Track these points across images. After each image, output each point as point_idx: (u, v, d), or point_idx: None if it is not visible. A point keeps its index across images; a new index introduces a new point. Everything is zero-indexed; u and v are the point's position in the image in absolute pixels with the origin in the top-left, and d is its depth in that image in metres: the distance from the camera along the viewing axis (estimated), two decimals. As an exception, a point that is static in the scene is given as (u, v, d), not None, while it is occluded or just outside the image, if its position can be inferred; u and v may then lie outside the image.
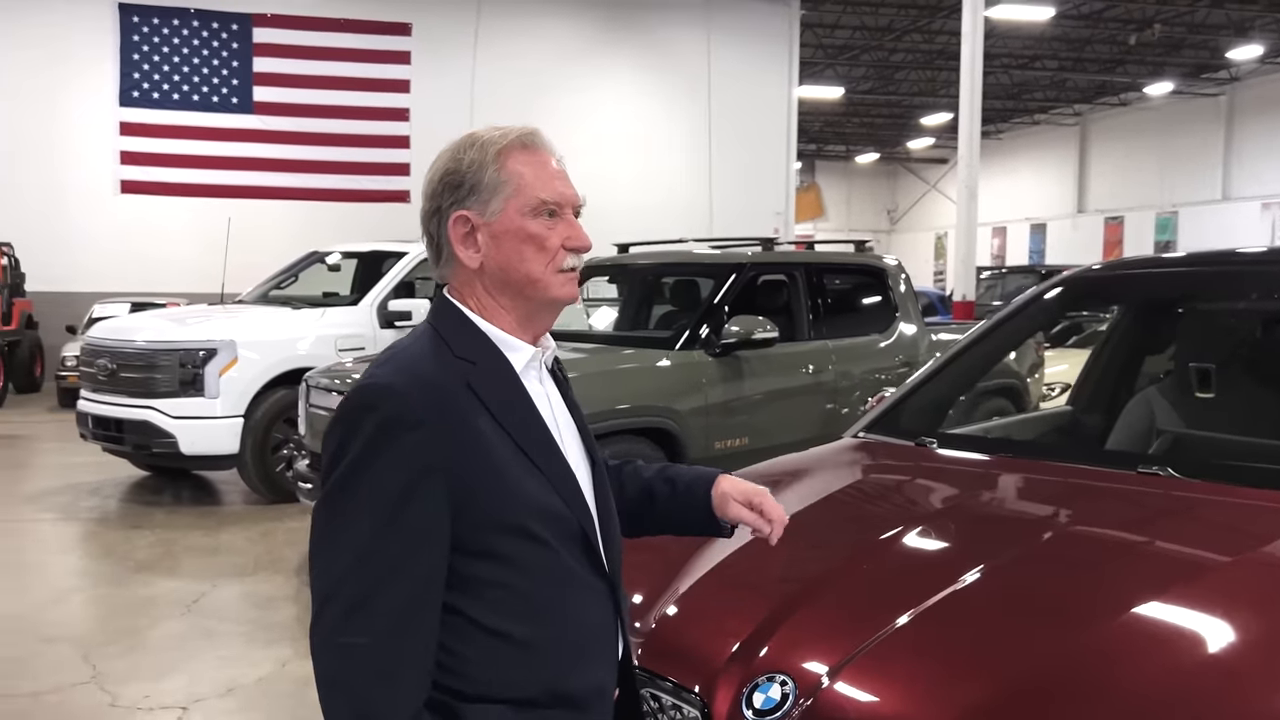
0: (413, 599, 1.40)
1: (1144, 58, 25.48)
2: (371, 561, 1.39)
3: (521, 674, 1.47)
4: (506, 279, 1.53)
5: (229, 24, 17.59)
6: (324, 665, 1.40)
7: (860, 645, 1.79)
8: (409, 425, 1.40)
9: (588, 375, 5.73)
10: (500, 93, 18.25)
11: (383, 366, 1.49)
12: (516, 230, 1.51)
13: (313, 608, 1.42)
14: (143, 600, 5.55)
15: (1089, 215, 31.12)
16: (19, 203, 15.67)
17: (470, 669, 1.45)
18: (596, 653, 1.56)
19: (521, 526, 1.46)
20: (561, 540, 1.50)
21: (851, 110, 32.26)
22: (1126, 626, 1.77)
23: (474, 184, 1.51)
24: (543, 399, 1.57)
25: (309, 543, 1.45)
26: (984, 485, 2.59)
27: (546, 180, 1.54)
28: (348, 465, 1.41)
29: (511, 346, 1.54)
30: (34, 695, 4.28)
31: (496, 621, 1.46)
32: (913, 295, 7.39)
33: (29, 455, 10.29)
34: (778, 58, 20.55)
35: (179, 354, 7.66)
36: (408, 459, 1.40)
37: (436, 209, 1.54)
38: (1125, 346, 3.77)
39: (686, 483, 1.81)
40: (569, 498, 1.52)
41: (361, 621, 1.38)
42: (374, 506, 1.39)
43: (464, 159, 1.53)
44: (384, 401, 1.42)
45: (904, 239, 38.76)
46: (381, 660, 1.38)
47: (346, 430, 1.43)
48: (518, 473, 1.47)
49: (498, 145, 1.53)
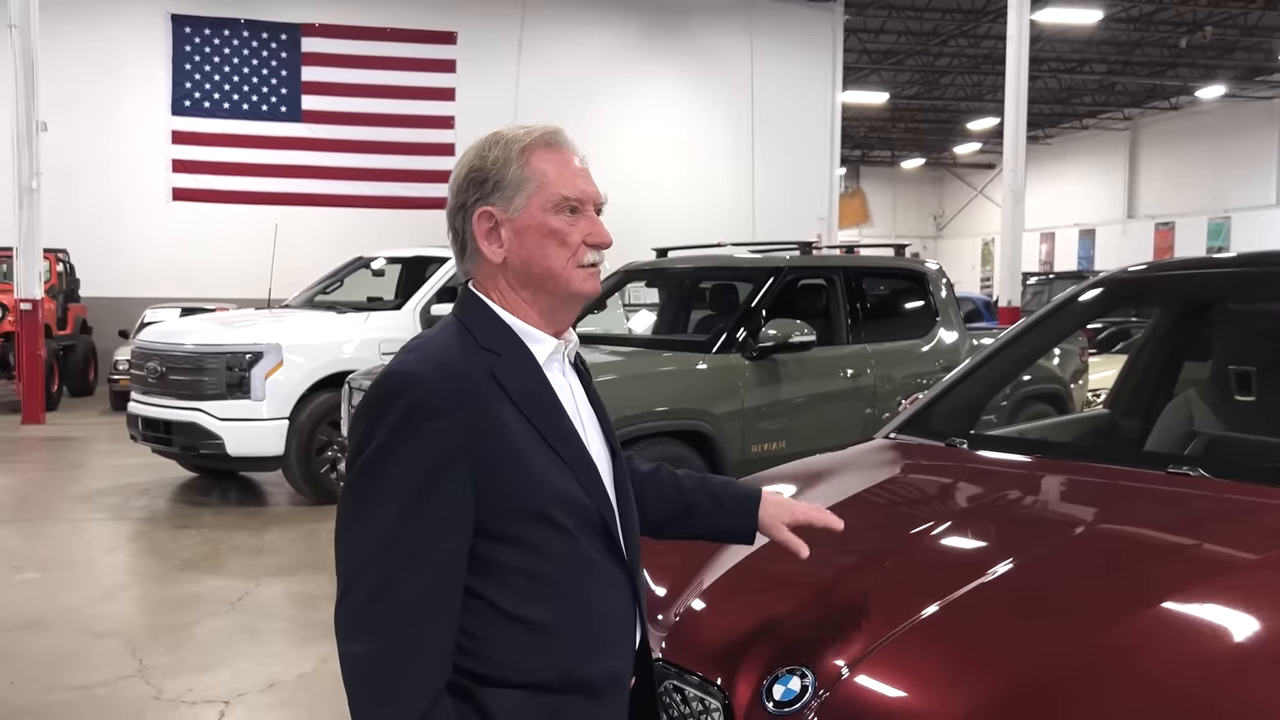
0: (436, 583, 1.43)
1: (1195, 60, 25.11)
2: (396, 545, 1.42)
3: (539, 659, 1.50)
4: (529, 273, 1.57)
5: (278, 34, 17.89)
6: (347, 647, 1.44)
7: (881, 639, 1.80)
8: (433, 413, 1.44)
9: (625, 378, 5.77)
10: (544, 99, 18.35)
11: (409, 355, 1.53)
12: (539, 226, 1.55)
13: (337, 590, 1.46)
14: (188, 597, 5.66)
15: (1139, 221, 30.69)
16: (74, 210, 16.01)
17: (489, 653, 1.48)
18: (614, 641, 1.59)
19: (543, 514, 1.49)
20: (582, 529, 1.54)
21: (897, 115, 32.08)
22: (1148, 624, 1.76)
23: (498, 180, 1.55)
24: (565, 391, 1.61)
25: (335, 525, 1.49)
26: (1010, 484, 2.58)
27: (569, 177, 1.58)
28: (373, 451, 1.44)
29: (535, 339, 1.58)
30: (83, 688, 4.38)
31: (516, 607, 1.49)
32: (954, 300, 7.35)
33: (82, 456, 10.52)
34: (821, 63, 20.50)
35: (226, 357, 7.80)
36: (432, 445, 1.43)
37: (462, 205, 1.58)
38: (1165, 349, 3.73)
39: (731, 499, 1.87)
40: (590, 487, 1.55)
41: (385, 604, 1.42)
42: (399, 490, 1.43)
43: (489, 156, 1.57)
44: (409, 388, 1.45)
45: (950, 245, 38.44)
46: (404, 643, 1.41)
47: (373, 417, 1.46)
48: (540, 461, 1.50)
49: (522, 143, 1.57)
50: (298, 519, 7.51)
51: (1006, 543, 2.19)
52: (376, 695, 1.42)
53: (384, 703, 1.42)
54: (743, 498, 1.88)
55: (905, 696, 1.71)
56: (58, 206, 14.43)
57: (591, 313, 7.48)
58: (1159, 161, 30.48)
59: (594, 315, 7.56)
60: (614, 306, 8.18)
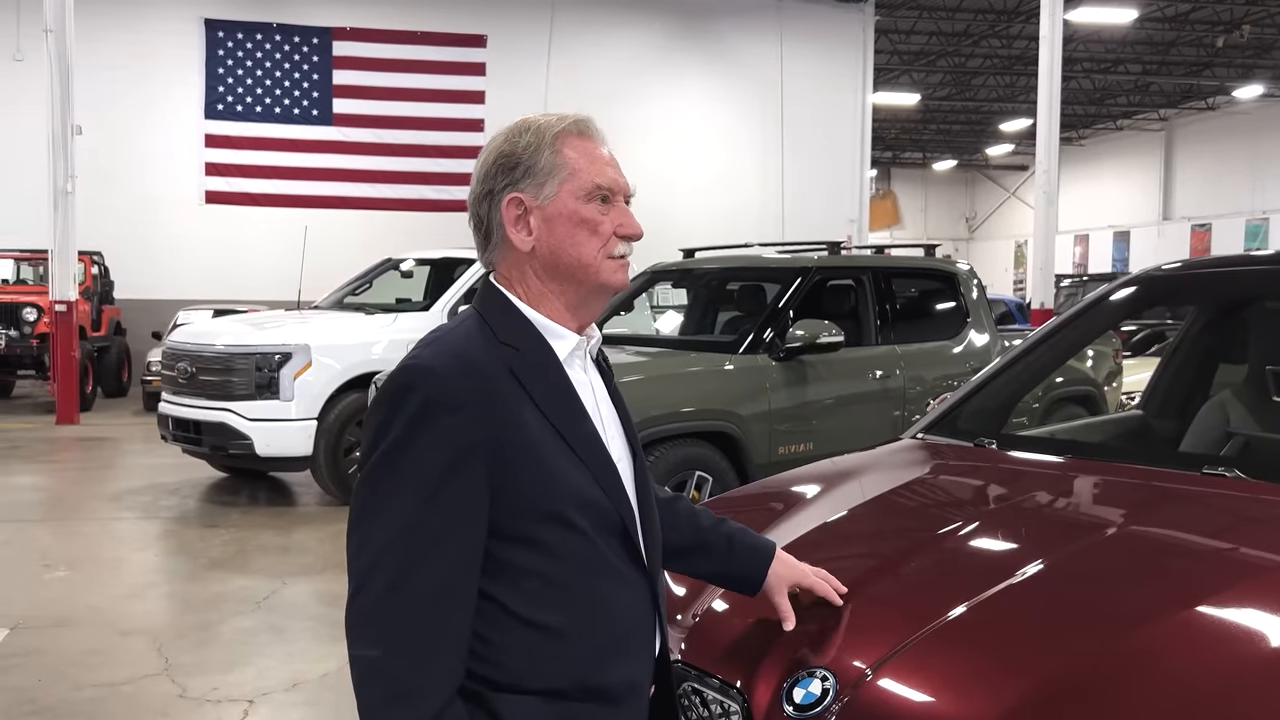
0: (451, 581, 1.40)
1: (1232, 60, 24.79)
2: (411, 541, 1.39)
3: (554, 665, 1.46)
4: (558, 263, 1.53)
5: (310, 38, 18.01)
6: (359, 644, 1.40)
7: (904, 641, 1.76)
8: (450, 408, 1.40)
9: (651, 378, 5.74)
10: (573, 102, 18.06)
11: (426, 349, 1.50)
12: (570, 214, 1.52)
13: (350, 587, 1.43)
14: (215, 596, 5.68)
15: (1175, 222, 30.33)
16: (109, 213, 16.19)
17: (503, 658, 1.45)
18: (632, 647, 1.55)
19: (560, 514, 1.45)
20: (600, 531, 1.49)
21: (928, 117, 31.88)
22: (1180, 628, 1.71)
23: (529, 166, 1.52)
24: (586, 388, 1.57)
25: (348, 520, 1.46)
26: (1040, 484, 2.52)
27: (601, 166, 1.55)
28: (389, 445, 1.41)
29: (556, 334, 1.54)
30: (109, 685, 4.40)
31: (531, 611, 1.45)
32: (985, 301, 7.26)
33: (114, 456, 10.61)
34: (851, 64, 20.41)
35: (255, 358, 7.84)
36: (449, 439, 1.40)
37: (489, 191, 1.54)
38: (1200, 349, 3.65)
39: (744, 547, 1.84)
40: (609, 488, 1.51)
41: (399, 600, 1.38)
42: (415, 485, 1.39)
43: (519, 142, 1.53)
44: (425, 382, 1.42)
45: (983, 247, 38.15)
46: (418, 642, 1.38)
47: (389, 410, 1.43)
48: (559, 460, 1.46)
49: (554, 129, 1.54)
50: (325, 519, 7.53)
51: (1035, 544, 2.13)
52: (389, 694, 1.38)
53: (396, 702, 1.37)
54: (757, 549, 1.85)
55: (929, 700, 1.67)
56: (92, 209, 14.60)
57: (618, 314, 7.46)
58: (1195, 162, 30.10)
59: (621, 316, 7.54)
60: (641, 307, 8.15)
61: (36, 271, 15.06)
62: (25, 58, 16.04)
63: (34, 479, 9.26)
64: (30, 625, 5.15)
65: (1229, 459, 2.55)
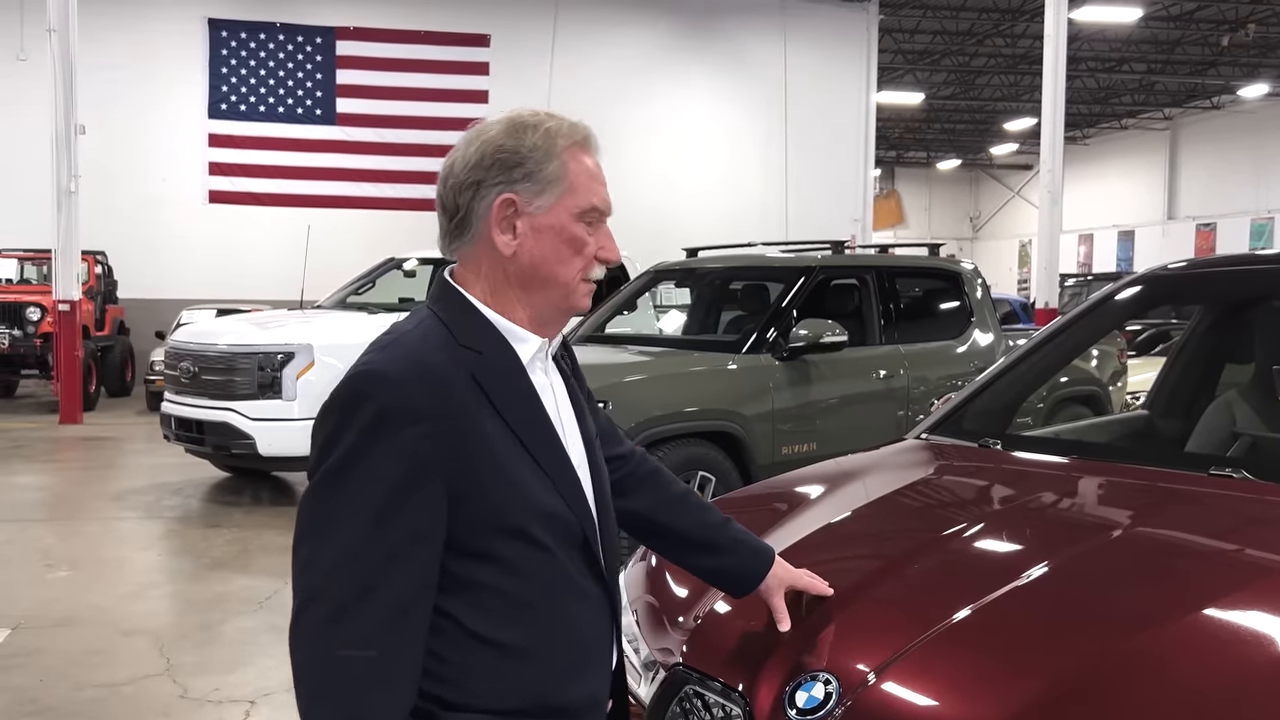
0: (402, 602, 1.32)
1: (1237, 59, 24.73)
2: (360, 560, 1.31)
3: (513, 684, 1.40)
4: (535, 274, 1.46)
5: (313, 37, 18.01)
6: (305, 669, 1.33)
7: (907, 644, 1.74)
8: (408, 418, 1.32)
9: (654, 378, 5.72)
10: (577, 101, 18.29)
11: (381, 352, 1.40)
12: (560, 229, 1.46)
13: (294, 604, 1.34)
14: (217, 596, 5.67)
15: (1179, 222, 30.26)
16: (112, 212, 16.21)
17: (460, 677, 1.39)
18: (593, 663, 1.50)
19: (521, 529, 1.39)
20: (562, 545, 1.44)
21: (932, 116, 31.83)
22: (1187, 631, 1.69)
23: (532, 171, 1.44)
24: (548, 392, 1.51)
25: (294, 532, 1.37)
26: (1045, 485, 2.50)
27: (597, 185, 1.50)
28: (340, 456, 1.33)
29: (519, 338, 1.47)
30: (111, 685, 4.39)
31: (489, 628, 1.39)
32: (989, 300, 7.23)
33: (117, 456, 10.61)
34: (856, 63, 20.37)
35: (258, 357, 7.83)
36: (405, 451, 1.32)
37: (477, 183, 1.44)
38: (1205, 349, 3.63)
39: (748, 549, 1.82)
40: (571, 498, 1.46)
41: (348, 624, 1.30)
42: (366, 501, 1.32)
43: (525, 140, 1.45)
44: (381, 390, 1.34)
45: (987, 246, 38.09)
46: (367, 666, 1.30)
47: (340, 418, 1.35)
48: (520, 472, 1.40)
49: (566, 139, 1.47)
50: (328, 519, 7.50)
51: (1041, 545, 2.11)
52: (335, 716, 1.31)
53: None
54: (759, 552, 1.83)
55: (933, 704, 1.65)
56: (96, 209, 14.61)
57: (621, 313, 7.45)
58: (1200, 161, 30.03)
59: (624, 315, 7.52)
60: (644, 307, 8.13)
61: (40, 271, 15.07)
62: (29, 57, 16.05)
63: (37, 478, 9.26)
64: (32, 625, 5.14)
65: (1236, 460, 2.53)
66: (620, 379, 5.53)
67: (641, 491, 1.79)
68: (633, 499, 1.78)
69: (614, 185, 1.56)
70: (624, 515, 1.81)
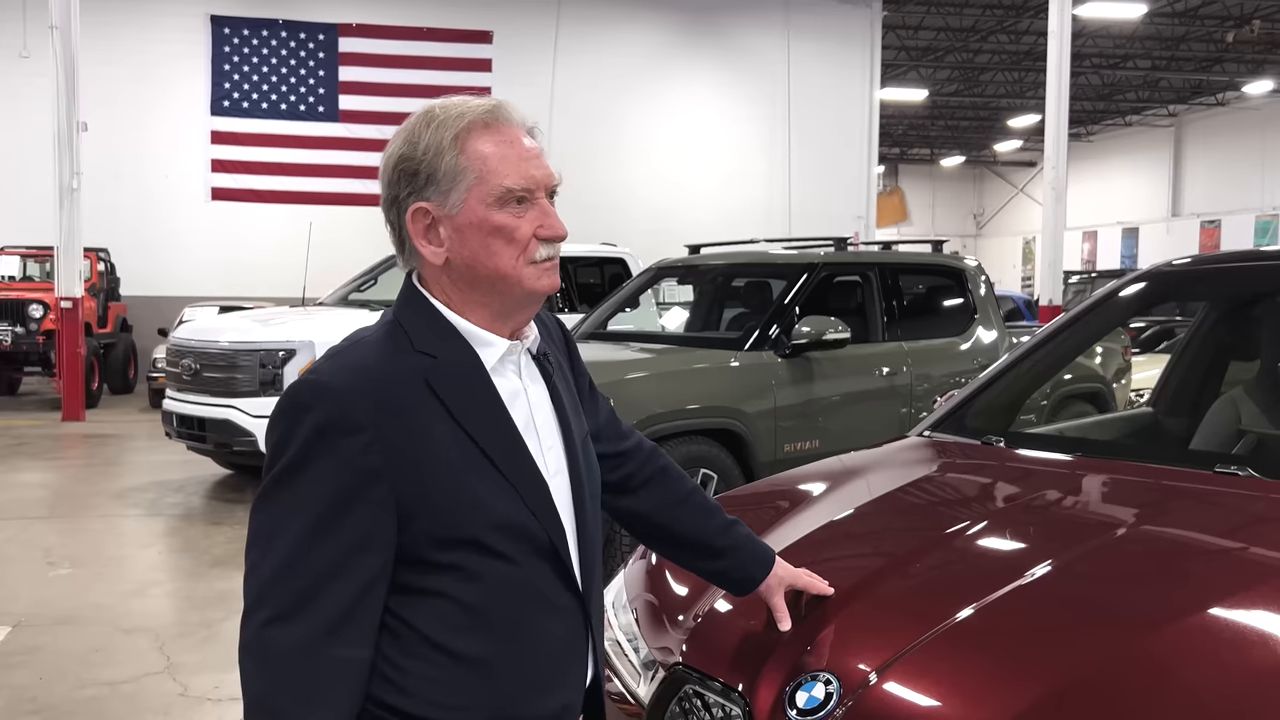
0: (344, 611, 1.30)
1: (1243, 55, 24.67)
2: (299, 569, 1.29)
3: (471, 697, 1.37)
4: (475, 275, 1.40)
5: (316, 34, 18.00)
6: (246, 674, 1.31)
7: (909, 644, 1.72)
8: (346, 429, 1.30)
9: (655, 375, 5.70)
10: (580, 98, 18.37)
11: (328, 362, 1.38)
12: (480, 222, 1.37)
13: (243, 612, 1.34)
14: (218, 594, 5.65)
15: (1184, 219, 30.20)
16: (115, 210, 16.23)
17: (414, 684, 1.35)
18: (559, 678, 1.45)
19: (475, 540, 1.35)
20: (528, 555, 1.39)
21: (936, 113, 31.78)
22: (1191, 630, 1.67)
23: (430, 172, 1.37)
24: (519, 397, 1.44)
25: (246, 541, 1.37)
26: (1049, 483, 2.48)
27: (514, 163, 1.39)
28: (283, 467, 1.31)
29: (483, 341, 1.42)
30: (111, 684, 4.38)
31: (448, 638, 1.35)
32: (993, 297, 7.20)
33: (119, 453, 10.60)
34: (859, 60, 20.34)
35: (259, 354, 7.83)
36: (345, 463, 1.30)
37: (394, 199, 1.41)
38: (1210, 346, 3.61)
39: (749, 550, 1.81)
40: (538, 508, 1.40)
41: (288, 630, 1.28)
42: (307, 512, 1.30)
43: (419, 144, 1.38)
44: (320, 402, 1.31)
45: (991, 244, 38.04)
46: (306, 673, 1.29)
47: (284, 429, 1.33)
48: (475, 480, 1.35)
49: (455, 127, 1.38)
50: (329, 516, 7.49)
51: (1044, 544, 2.09)
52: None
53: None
54: (759, 554, 1.81)
55: (934, 704, 1.63)
56: (98, 206, 14.62)
57: (624, 310, 7.43)
58: (1205, 158, 29.97)
59: (626, 313, 7.50)
60: (646, 304, 8.11)
61: (43, 268, 15.07)
62: (31, 54, 16.07)
63: (39, 476, 9.25)
64: (33, 623, 5.13)
65: (1241, 457, 2.50)
66: (622, 376, 5.51)
67: (644, 492, 1.76)
68: (633, 499, 1.76)
69: (617, 182, 1.52)
70: (624, 515, 1.79)
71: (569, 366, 1.63)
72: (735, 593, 1.86)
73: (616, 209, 17.29)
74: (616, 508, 1.77)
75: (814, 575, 1.88)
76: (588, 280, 11.14)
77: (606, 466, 1.68)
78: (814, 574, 1.88)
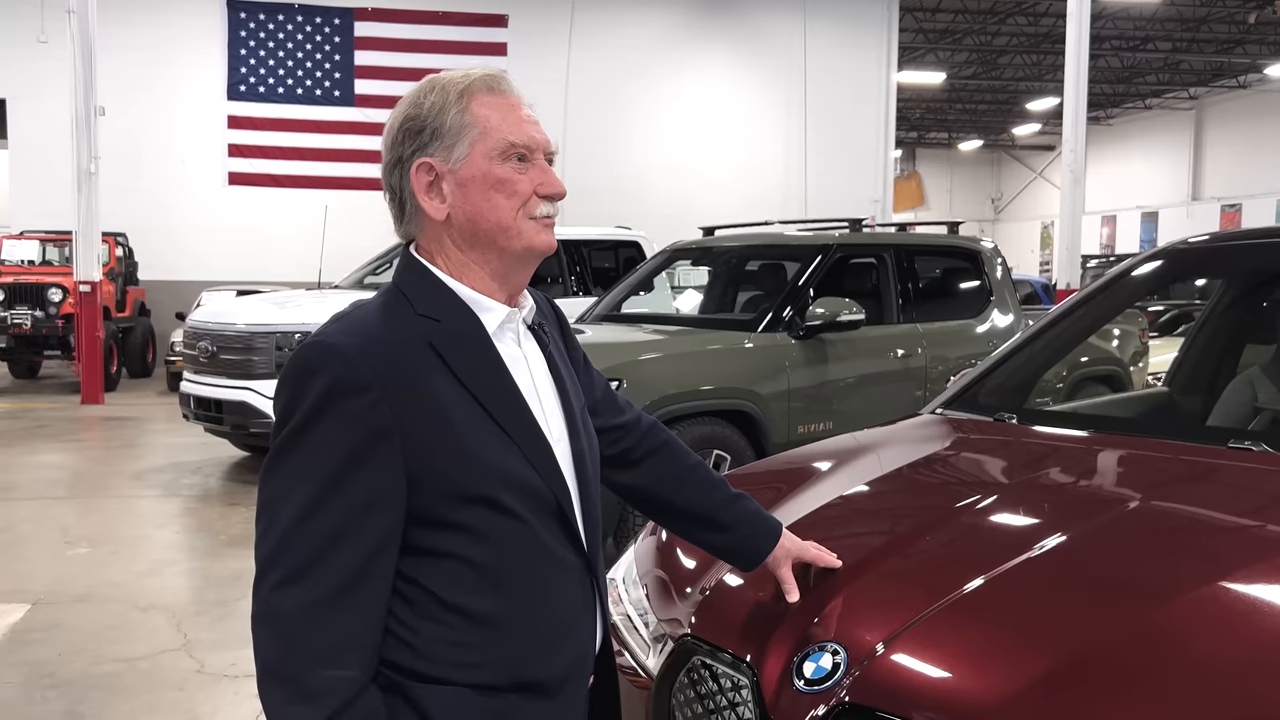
0: (355, 572, 1.30)
1: (1265, 37, 24.40)
2: (311, 532, 1.30)
3: (484, 655, 1.37)
4: (476, 230, 1.43)
5: (332, 18, 18.00)
6: (257, 638, 1.32)
7: (916, 615, 1.72)
8: (353, 389, 1.31)
9: (670, 356, 5.70)
10: (595, 81, 18.33)
11: (333, 324, 1.39)
12: (484, 176, 1.41)
13: (254, 581, 1.34)
14: (234, 573, 5.69)
15: (1204, 203, 29.93)
16: (133, 194, 16.29)
17: (429, 646, 1.36)
18: (570, 637, 1.46)
19: (486, 496, 1.36)
20: (535, 513, 1.40)
21: (954, 96, 31.56)
22: (1202, 604, 1.66)
23: (436, 128, 1.42)
24: (520, 363, 1.47)
25: (256, 507, 1.37)
26: (1061, 459, 2.46)
27: (515, 123, 1.44)
28: (291, 430, 1.32)
29: (483, 307, 1.44)
30: (128, 660, 4.42)
31: (461, 598, 1.36)
32: (1009, 280, 7.16)
33: (137, 435, 10.68)
34: (876, 43, 20.20)
35: (276, 337, 7.87)
36: (353, 424, 1.30)
37: (398, 160, 1.44)
38: (1227, 325, 3.58)
39: (757, 522, 1.80)
40: (543, 468, 1.41)
41: (298, 593, 1.29)
42: (316, 473, 1.30)
43: (424, 103, 1.43)
44: (327, 363, 1.32)
45: (1009, 228, 37.82)
46: (319, 636, 1.29)
47: (291, 393, 1.33)
48: (482, 438, 1.36)
49: (460, 86, 1.43)
50: (345, 498, 7.52)
51: (1055, 517, 2.08)
52: (289, 695, 1.29)
53: (299, 699, 1.28)
54: (765, 528, 1.81)
55: (942, 675, 1.63)
56: (116, 190, 14.67)
57: (638, 293, 7.42)
58: (1226, 141, 29.68)
59: (641, 295, 7.50)
60: (661, 286, 8.10)
61: (61, 253, 15.16)
62: (49, 39, 16.13)
63: (58, 457, 9.33)
64: (51, 601, 5.18)
65: (1256, 433, 2.49)
66: (635, 357, 5.51)
67: (645, 465, 1.76)
68: (634, 473, 1.76)
69: (632, 165, 1.53)
70: (625, 489, 1.79)
71: (563, 342, 1.64)
72: (743, 567, 1.85)
73: (631, 192, 17.26)
74: (618, 482, 1.77)
75: (822, 548, 1.87)
76: (602, 264, 11.12)
77: (605, 440, 1.68)
78: (822, 547, 1.88)
